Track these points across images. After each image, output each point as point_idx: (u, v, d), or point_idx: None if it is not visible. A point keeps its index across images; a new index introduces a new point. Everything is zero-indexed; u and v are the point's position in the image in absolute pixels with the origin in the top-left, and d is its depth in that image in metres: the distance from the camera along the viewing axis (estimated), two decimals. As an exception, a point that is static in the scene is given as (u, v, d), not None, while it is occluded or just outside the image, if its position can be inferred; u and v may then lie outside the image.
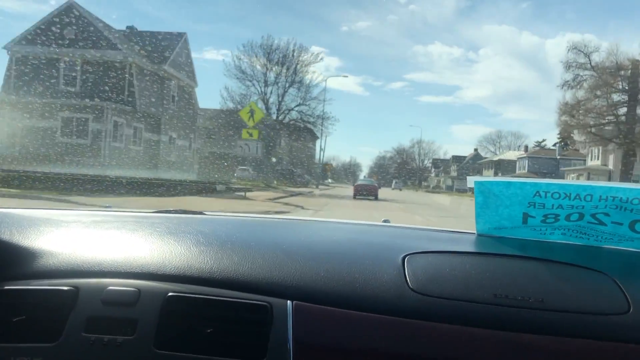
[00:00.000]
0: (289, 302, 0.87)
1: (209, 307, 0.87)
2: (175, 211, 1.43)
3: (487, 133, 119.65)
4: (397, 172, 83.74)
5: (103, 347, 0.84)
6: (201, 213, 1.45)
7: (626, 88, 31.23)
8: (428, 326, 0.83)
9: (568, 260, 0.97)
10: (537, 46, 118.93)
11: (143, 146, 24.24)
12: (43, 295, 0.90)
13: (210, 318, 0.86)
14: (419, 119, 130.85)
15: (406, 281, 0.90)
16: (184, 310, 0.87)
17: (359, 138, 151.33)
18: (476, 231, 1.15)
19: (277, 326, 0.84)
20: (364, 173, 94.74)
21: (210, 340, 0.84)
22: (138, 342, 0.84)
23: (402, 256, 0.97)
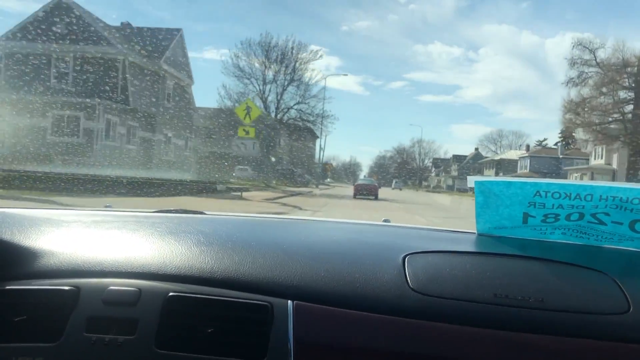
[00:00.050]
0: (290, 302, 0.87)
1: (210, 307, 0.87)
2: (175, 211, 1.43)
3: (488, 132, 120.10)
4: (398, 172, 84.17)
5: (104, 347, 0.84)
6: (202, 213, 1.44)
7: (632, 85, 30.54)
8: (428, 326, 0.83)
9: (568, 260, 0.97)
10: (537, 46, 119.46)
11: (137, 145, 23.66)
12: (44, 295, 0.90)
13: (211, 318, 0.86)
14: (419, 119, 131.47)
15: (406, 281, 0.90)
16: (185, 310, 0.87)
17: (359, 137, 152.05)
18: (476, 231, 1.15)
19: (278, 326, 0.84)
20: (364, 172, 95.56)
21: (211, 340, 0.85)
22: (139, 342, 0.84)
23: (403, 256, 0.98)
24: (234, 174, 30.80)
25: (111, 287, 0.90)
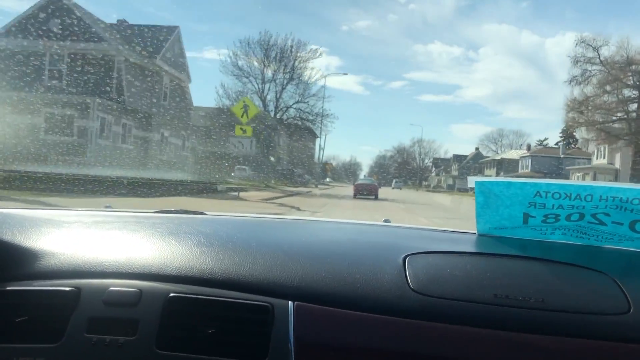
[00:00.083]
0: (290, 303, 0.87)
1: (211, 308, 0.88)
2: (176, 211, 1.43)
3: (488, 132, 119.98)
4: (398, 172, 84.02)
5: (105, 348, 0.85)
6: (202, 213, 1.44)
7: (637, 83, 30.05)
8: (429, 326, 0.83)
9: (568, 260, 0.97)
10: (537, 45, 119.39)
11: (133, 144, 23.19)
12: (45, 295, 0.91)
13: (211, 318, 0.87)
14: (419, 118, 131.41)
15: (407, 281, 0.90)
16: (186, 310, 0.88)
17: (359, 137, 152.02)
18: (477, 231, 1.15)
19: (279, 327, 0.84)
20: (364, 172, 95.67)
21: (211, 340, 0.85)
22: (140, 343, 0.84)
23: (403, 256, 0.98)
24: (233, 174, 30.64)
25: (112, 288, 0.90)
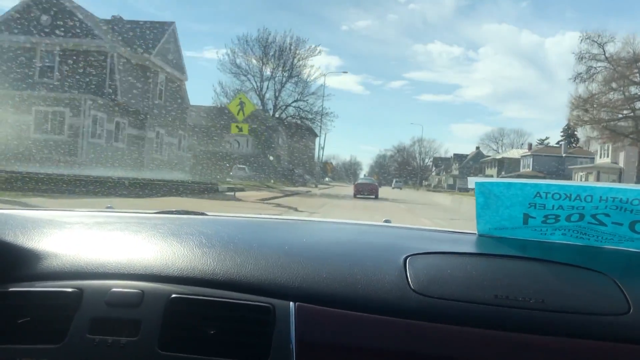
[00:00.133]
0: (292, 304, 0.87)
1: (212, 309, 0.88)
2: (177, 212, 1.43)
3: (489, 131, 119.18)
4: (398, 171, 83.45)
5: (107, 349, 0.85)
6: (203, 214, 1.44)
7: (644, 80, 29.29)
8: (430, 327, 0.84)
9: (568, 260, 0.98)
10: (537, 45, 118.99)
11: (127, 143, 22.59)
12: (47, 296, 0.91)
13: (213, 319, 0.87)
14: (419, 118, 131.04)
15: (408, 282, 0.91)
16: (188, 311, 0.88)
17: (359, 137, 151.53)
18: (477, 231, 1.15)
19: (280, 327, 0.85)
20: (364, 172, 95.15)
21: (213, 341, 0.86)
22: (142, 344, 0.85)
23: (404, 257, 0.98)
24: (232, 174, 30.15)
25: (114, 289, 0.90)
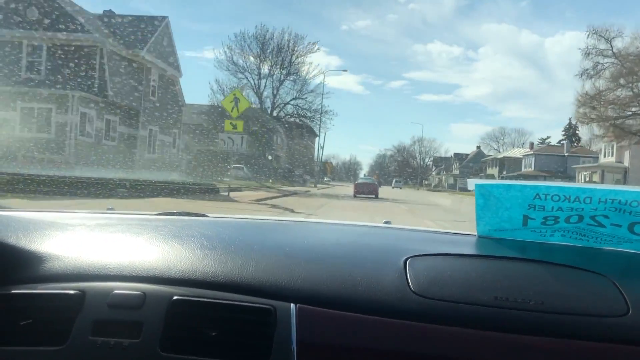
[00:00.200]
0: (293, 305, 0.88)
1: (214, 310, 0.88)
2: (178, 213, 1.43)
3: (489, 131, 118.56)
4: (398, 171, 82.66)
5: (109, 350, 0.85)
6: (204, 215, 1.45)
7: (653, 77, 28.38)
8: (430, 328, 0.84)
9: (568, 262, 0.98)
10: (537, 45, 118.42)
11: (118, 141, 21.74)
12: (50, 299, 0.91)
13: (215, 321, 0.87)
14: (419, 118, 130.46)
15: (408, 284, 0.91)
16: (189, 313, 0.88)
17: (359, 136, 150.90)
18: (477, 233, 1.15)
19: (281, 329, 0.85)
20: (364, 171, 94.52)
21: (215, 343, 0.86)
22: (144, 345, 0.85)
23: (404, 259, 0.98)
24: (229, 173, 29.39)
25: (116, 291, 0.90)
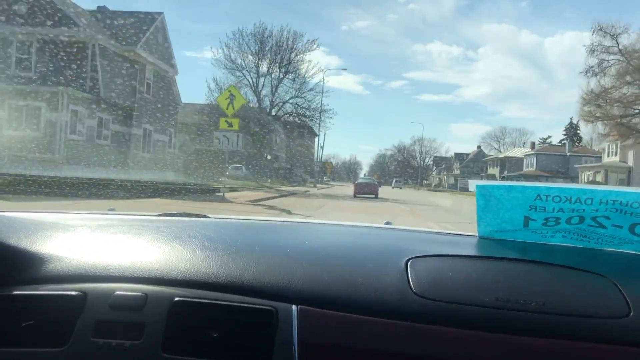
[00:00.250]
0: (294, 307, 0.88)
1: (215, 312, 0.88)
2: (179, 214, 1.43)
3: (490, 130, 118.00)
4: (399, 171, 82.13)
5: (111, 351, 0.85)
6: (205, 216, 1.45)
7: (660, 74, 27.72)
8: (431, 330, 0.84)
9: (569, 263, 0.98)
10: (536, 45, 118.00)
11: (111, 140, 21.13)
12: (51, 300, 0.91)
13: (216, 322, 0.88)
14: (419, 118, 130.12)
15: (409, 285, 0.91)
16: (191, 314, 0.88)
17: (359, 136, 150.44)
18: (478, 234, 1.15)
19: (283, 330, 0.85)
20: (364, 171, 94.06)
21: (216, 344, 0.86)
22: (145, 347, 0.85)
23: (405, 260, 0.98)
24: (227, 173, 28.87)
25: (118, 292, 0.90)
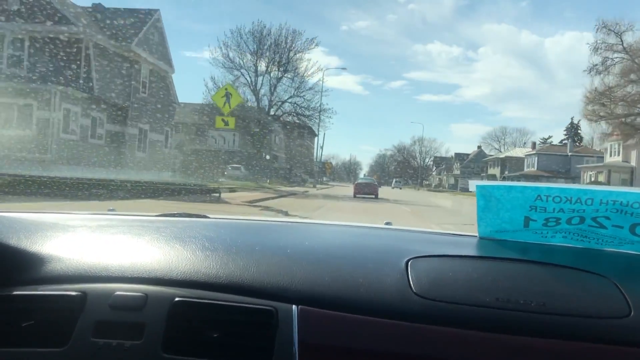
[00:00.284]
0: (294, 307, 0.88)
1: (216, 312, 0.88)
2: (179, 214, 1.43)
3: (490, 130, 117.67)
4: (399, 172, 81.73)
5: (111, 352, 0.85)
6: (205, 216, 1.45)
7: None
8: (432, 330, 0.84)
9: (569, 263, 0.98)
10: (536, 45, 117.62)
11: (105, 140, 20.67)
12: (51, 300, 0.91)
13: (216, 322, 0.88)
14: (419, 118, 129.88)
15: (410, 285, 0.91)
16: (191, 314, 0.88)
17: (359, 136, 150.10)
18: (478, 234, 1.15)
19: (283, 330, 0.85)
20: (364, 171, 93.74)
21: (216, 344, 0.86)
22: (146, 347, 0.85)
23: (406, 260, 0.98)
24: (226, 173, 28.53)
25: (118, 292, 0.90)
